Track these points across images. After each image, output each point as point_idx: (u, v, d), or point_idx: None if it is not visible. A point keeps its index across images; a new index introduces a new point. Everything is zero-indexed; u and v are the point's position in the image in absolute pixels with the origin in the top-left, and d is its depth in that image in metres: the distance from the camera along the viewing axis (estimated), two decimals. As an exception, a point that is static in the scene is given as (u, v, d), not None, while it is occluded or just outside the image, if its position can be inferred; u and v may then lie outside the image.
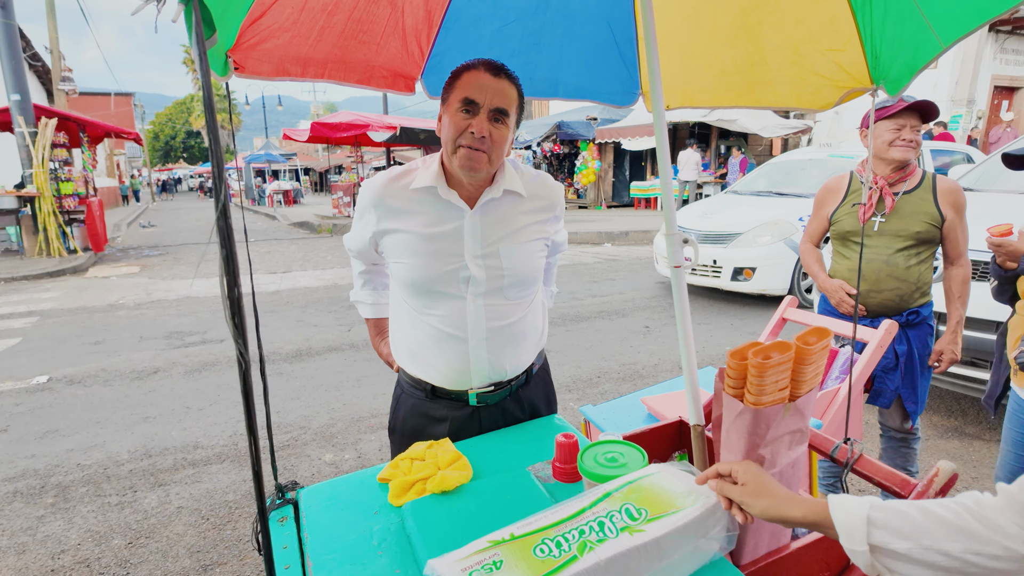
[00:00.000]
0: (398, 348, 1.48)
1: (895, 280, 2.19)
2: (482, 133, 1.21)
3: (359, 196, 1.40)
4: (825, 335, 0.95)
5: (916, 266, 2.18)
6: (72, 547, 2.48)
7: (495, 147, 1.25)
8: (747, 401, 0.95)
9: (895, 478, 1.20)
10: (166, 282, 8.31)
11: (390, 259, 1.38)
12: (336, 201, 17.21)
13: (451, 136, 1.24)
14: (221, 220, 0.73)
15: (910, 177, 2.18)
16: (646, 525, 0.88)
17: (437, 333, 1.36)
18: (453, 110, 1.24)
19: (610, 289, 7.09)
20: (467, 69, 1.25)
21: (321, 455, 3.21)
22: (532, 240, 1.39)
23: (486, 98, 1.22)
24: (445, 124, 1.27)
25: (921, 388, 2.28)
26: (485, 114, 1.22)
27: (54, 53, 14.97)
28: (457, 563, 0.84)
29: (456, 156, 1.25)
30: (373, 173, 23.75)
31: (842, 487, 1.33)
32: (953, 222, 2.13)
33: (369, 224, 1.37)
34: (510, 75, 1.26)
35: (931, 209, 2.14)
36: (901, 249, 2.17)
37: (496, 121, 1.24)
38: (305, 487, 1.27)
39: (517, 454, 1.33)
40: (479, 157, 1.24)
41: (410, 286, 1.34)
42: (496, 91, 1.23)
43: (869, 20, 1.31)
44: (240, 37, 1.15)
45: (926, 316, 2.24)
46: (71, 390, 4.24)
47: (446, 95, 1.28)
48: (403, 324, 1.44)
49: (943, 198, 2.14)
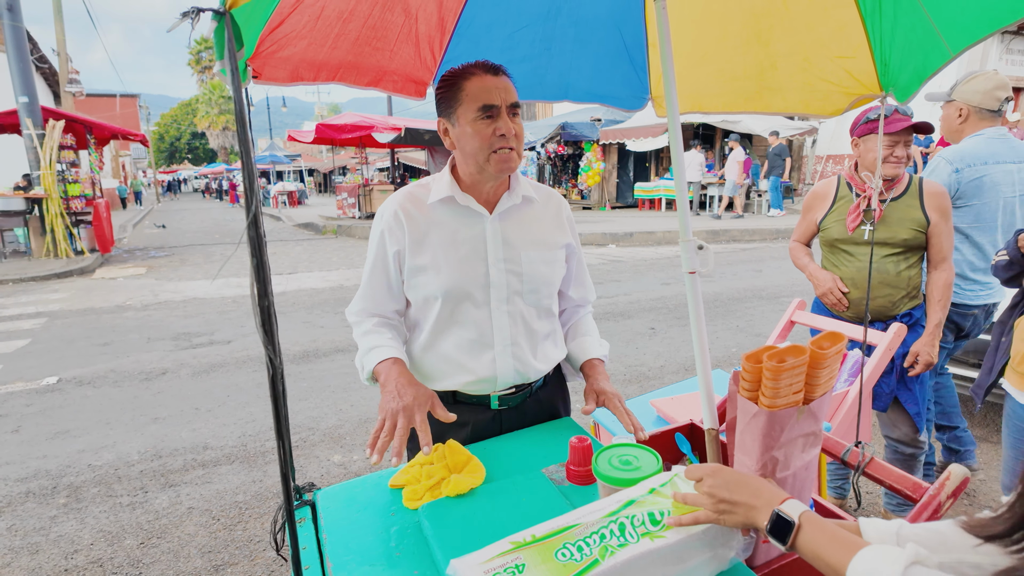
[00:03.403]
0: (421, 370, 1.44)
1: (886, 287, 2.20)
2: (511, 131, 1.25)
3: (377, 220, 1.39)
4: (839, 340, 0.96)
5: (906, 271, 2.19)
6: (85, 547, 2.50)
7: (519, 141, 1.29)
8: (762, 404, 0.96)
9: (907, 482, 1.21)
10: (173, 283, 8.36)
11: (417, 275, 1.35)
12: (340, 202, 17.24)
13: (481, 146, 1.25)
14: (252, 229, 0.75)
15: (897, 184, 2.19)
16: (666, 531, 0.89)
17: (466, 343, 1.37)
18: (471, 119, 1.25)
19: (615, 291, 7.10)
20: (467, 77, 1.25)
21: (330, 456, 3.23)
22: (556, 248, 1.43)
23: (500, 98, 1.24)
24: (467, 135, 1.26)
25: (920, 390, 2.27)
26: (505, 113, 1.25)
27: (61, 55, 15.06)
28: (480, 565, 0.85)
29: (490, 162, 1.27)
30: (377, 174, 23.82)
31: (853, 491, 1.34)
32: (938, 225, 2.13)
33: (394, 241, 1.35)
34: (505, 72, 1.29)
35: (917, 215, 2.14)
36: (889, 256, 2.18)
37: (514, 116, 1.27)
38: (322, 488, 1.28)
39: (531, 456, 1.34)
40: (511, 155, 1.28)
41: (441, 296, 1.34)
42: (504, 88, 1.25)
43: (879, 27, 1.32)
44: (259, 45, 1.16)
45: (918, 318, 2.25)
46: (81, 391, 4.27)
47: (451, 106, 1.27)
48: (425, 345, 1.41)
49: (929, 202, 2.14)
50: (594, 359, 1.51)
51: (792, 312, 2.46)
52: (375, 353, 1.32)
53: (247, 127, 0.76)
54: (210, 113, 45.84)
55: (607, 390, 1.40)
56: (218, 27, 0.82)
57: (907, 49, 1.31)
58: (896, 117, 2.07)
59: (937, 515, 1.10)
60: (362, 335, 1.38)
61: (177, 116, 63.31)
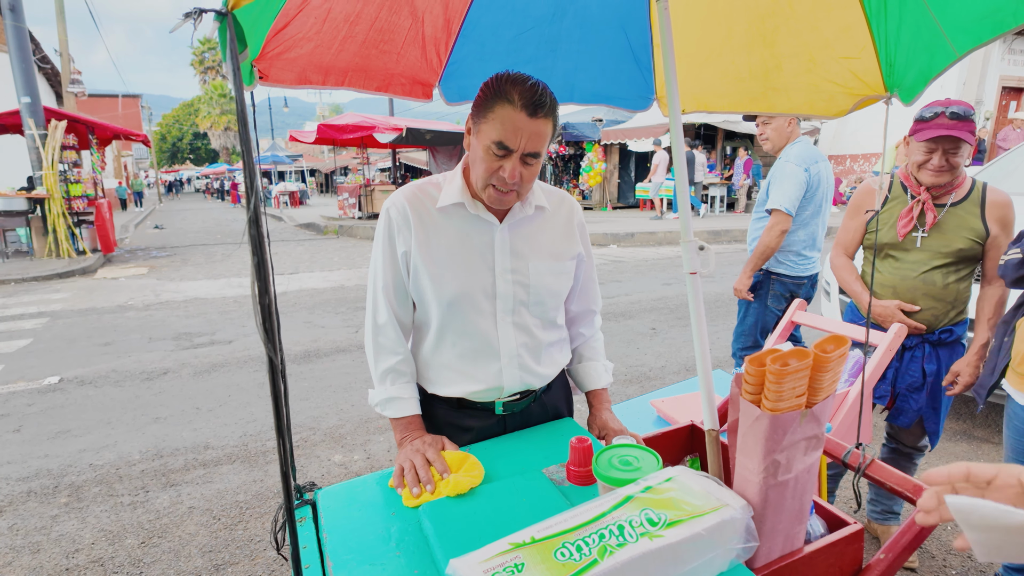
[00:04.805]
0: (425, 374, 1.43)
1: (931, 299, 2.05)
2: (514, 179, 1.19)
3: (383, 219, 1.33)
4: (843, 343, 0.96)
5: (955, 284, 2.03)
6: (86, 546, 2.50)
7: (525, 185, 1.23)
8: (764, 407, 0.96)
9: (907, 483, 1.21)
10: (174, 283, 8.37)
11: (422, 279, 1.32)
12: (342, 203, 17.26)
13: (482, 174, 1.21)
14: (253, 228, 0.75)
15: (958, 188, 2.01)
16: (665, 531, 0.89)
17: (471, 352, 1.36)
18: (485, 146, 1.19)
19: (616, 291, 7.10)
20: (504, 102, 1.14)
21: (331, 456, 3.23)
22: (566, 260, 1.40)
23: (520, 143, 1.16)
24: (477, 156, 1.22)
25: (944, 411, 2.18)
26: (518, 158, 1.18)
27: (64, 56, 15.10)
28: (479, 564, 0.85)
29: (486, 192, 1.24)
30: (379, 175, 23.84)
31: (854, 493, 1.34)
32: (998, 238, 1.96)
33: (402, 241, 1.31)
34: (548, 110, 1.17)
35: (976, 224, 1.98)
36: (940, 266, 2.03)
37: (528, 164, 1.20)
38: (323, 488, 1.28)
39: (531, 457, 1.34)
40: (508, 196, 1.24)
41: (445, 304, 1.31)
42: (532, 134, 1.16)
43: (884, 28, 1.32)
44: (265, 47, 1.17)
45: (959, 335, 2.11)
46: (82, 391, 4.27)
47: (479, 116, 1.20)
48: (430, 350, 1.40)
49: (991, 212, 1.97)
50: (598, 390, 1.52)
51: (793, 312, 2.46)
52: (394, 406, 1.36)
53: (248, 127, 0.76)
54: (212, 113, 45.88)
55: (611, 427, 1.43)
56: (221, 28, 0.82)
57: (912, 50, 1.31)
58: (940, 122, 1.89)
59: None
60: (381, 376, 1.38)
61: (179, 116, 63.42)
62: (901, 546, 1.12)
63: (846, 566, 1.16)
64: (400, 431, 1.35)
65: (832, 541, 1.12)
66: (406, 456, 1.27)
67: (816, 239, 2.97)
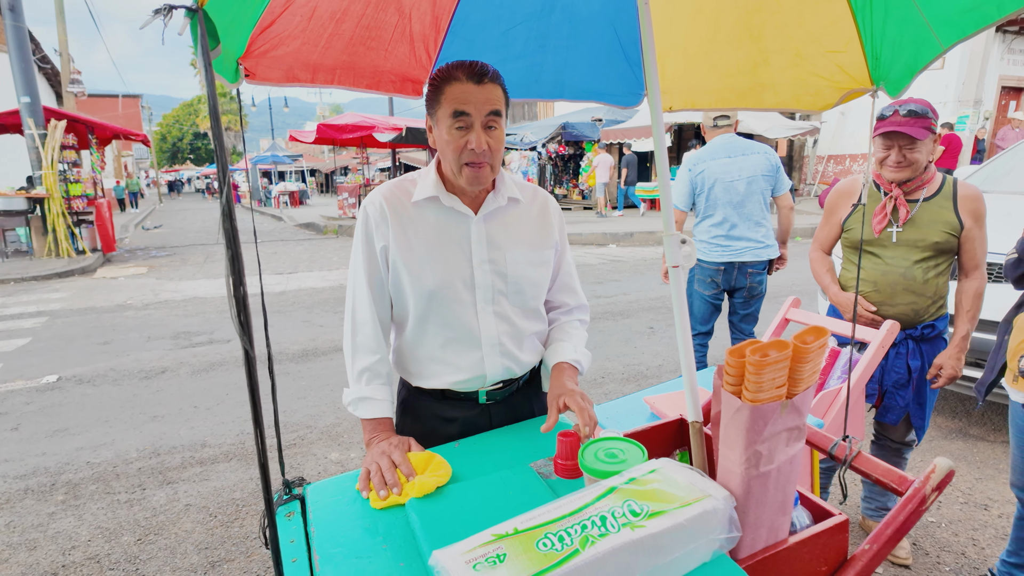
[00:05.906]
0: (408, 368, 1.45)
1: (911, 294, 2.11)
2: (482, 147, 1.22)
3: (361, 216, 1.35)
4: (823, 334, 0.96)
5: (934, 279, 2.09)
6: (82, 543, 2.51)
7: (495, 154, 1.26)
8: (745, 398, 0.96)
9: (892, 475, 1.21)
10: (173, 283, 8.38)
11: (401, 273, 1.34)
12: (342, 202, 17.27)
13: (452, 156, 1.24)
14: (226, 222, 0.76)
15: (928, 184, 2.07)
16: (647, 521, 0.90)
17: (453, 343, 1.37)
18: (446, 126, 1.23)
19: (614, 290, 7.10)
20: (449, 81, 1.21)
21: (327, 454, 3.24)
22: (543, 249, 1.42)
23: (477, 109, 1.20)
24: (442, 141, 1.25)
25: (929, 405, 2.22)
26: (480, 125, 1.22)
27: (63, 56, 15.11)
28: (462, 555, 0.86)
29: (462, 175, 1.26)
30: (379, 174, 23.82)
31: (840, 484, 1.34)
32: (971, 231, 2.03)
33: (380, 237, 1.33)
34: (492, 76, 1.23)
35: (950, 217, 2.03)
36: (919, 261, 2.08)
37: (491, 128, 1.24)
38: (311, 483, 1.29)
39: (519, 451, 1.35)
40: (483, 171, 1.26)
41: (426, 296, 1.33)
42: (484, 99, 1.21)
43: (869, 21, 1.32)
44: (250, 45, 1.17)
45: (941, 330, 2.16)
46: (80, 389, 4.29)
47: (433, 106, 1.26)
48: (412, 343, 1.41)
49: (963, 205, 2.03)
50: (562, 362, 1.42)
51: (787, 310, 2.46)
52: (365, 406, 1.35)
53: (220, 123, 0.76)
54: (212, 114, 45.87)
55: (566, 387, 1.34)
56: (192, 24, 0.82)
57: (898, 43, 1.31)
58: (894, 119, 1.98)
59: (922, 508, 1.11)
60: (357, 374, 1.37)
61: (179, 116, 63.47)
62: (886, 537, 1.12)
63: (831, 557, 1.17)
64: (369, 432, 1.35)
65: (817, 532, 1.12)
66: (372, 459, 1.26)
67: (731, 229, 3.16)
